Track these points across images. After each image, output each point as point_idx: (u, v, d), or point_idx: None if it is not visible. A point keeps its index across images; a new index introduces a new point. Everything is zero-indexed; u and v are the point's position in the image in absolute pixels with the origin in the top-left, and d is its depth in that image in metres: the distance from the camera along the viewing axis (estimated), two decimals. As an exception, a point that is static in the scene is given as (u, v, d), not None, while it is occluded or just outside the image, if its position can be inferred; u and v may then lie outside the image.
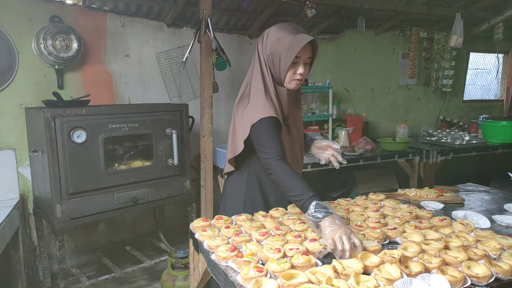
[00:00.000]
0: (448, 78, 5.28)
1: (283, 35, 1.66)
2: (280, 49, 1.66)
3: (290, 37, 1.64)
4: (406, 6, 4.20)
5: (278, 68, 1.70)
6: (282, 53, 1.66)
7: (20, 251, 2.85)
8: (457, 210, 1.89)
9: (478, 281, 1.20)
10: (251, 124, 1.68)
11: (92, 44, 3.32)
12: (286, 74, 1.69)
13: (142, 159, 2.94)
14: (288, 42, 1.64)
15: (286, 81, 1.73)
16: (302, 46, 1.61)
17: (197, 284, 1.79)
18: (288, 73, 1.69)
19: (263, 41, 1.73)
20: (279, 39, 1.67)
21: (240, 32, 4.08)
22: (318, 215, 1.41)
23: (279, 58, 1.68)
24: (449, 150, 4.13)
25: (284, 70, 1.68)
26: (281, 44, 1.66)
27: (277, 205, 1.86)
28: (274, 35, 1.69)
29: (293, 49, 1.62)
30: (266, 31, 1.75)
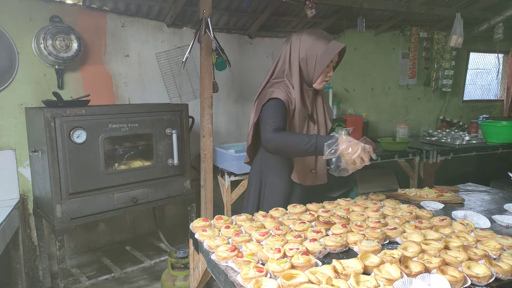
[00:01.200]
0: (448, 78, 5.28)
1: (318, 41, 1.88)
2: (316, 54, 1.87)
3: (325, 43, 1.86)
4: (406, 6, 4.20)
5: (312, 70, 1.90)
6: (318, 58, 1.86)
7: (20, 251, 2.86)
8: (457, 210, 1.89)
9: (478, 281, 1.20)
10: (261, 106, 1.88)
11: (92, 44, 3.32)
12: (320, 76, 1.91)
13: (142, 159, 2.94)
14: (323, 48, 1.85)
15: (317, 82, 1.94)
16: (337, 52, 1.84)
17: (197, 284, 1.79)
18: (321, 75, 1.91)
19: (296, 44, 1.92)
20: (314, 45, 1.87)
21: (240, 32, 4.08)
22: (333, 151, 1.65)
23: (314, 62, 1.88)
24: (449, 150, 4.13)
25: (319, 72, 1.89)
26: (316, 49, 1.86)
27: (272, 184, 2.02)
28: (309, 41, 1.89)
29: (328, 54, 1.84)
30: (296, 35, 1.94)
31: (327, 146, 1.67)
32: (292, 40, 1.95)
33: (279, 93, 1.87)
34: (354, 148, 1.66)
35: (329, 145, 1.67)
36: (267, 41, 4.27)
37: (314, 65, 1.88)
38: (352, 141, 1.67)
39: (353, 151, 1.65)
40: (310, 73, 1.91)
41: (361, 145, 1.67)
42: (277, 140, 1.76)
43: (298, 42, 1.91)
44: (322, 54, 1.86)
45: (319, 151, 1.70)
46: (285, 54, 1.96)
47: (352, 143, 1.66)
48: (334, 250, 1.45)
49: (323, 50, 1.85)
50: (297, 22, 4.23)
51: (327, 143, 1.67)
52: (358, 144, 1.67)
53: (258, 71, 4.24)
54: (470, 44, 5.49)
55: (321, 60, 1.86)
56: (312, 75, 1.91)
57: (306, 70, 1.92)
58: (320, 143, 1.69)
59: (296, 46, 1.92)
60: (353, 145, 1.66)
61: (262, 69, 4.26)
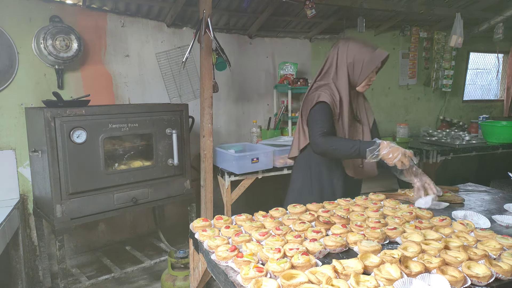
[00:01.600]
0: (448, 78, 5.28)
1: (365, 48, 2.06)
2: (362, 59, 2.04)
3: (371, 51, 2.05)
4: (406, 6, 4.20)
5: (358, 74, 2.08)
6: (364, 63, 2.04)
7: (20, 251, 2.86)
8: (457, 210, 1.89)
9: (478, 281, 1.20)
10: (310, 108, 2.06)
11: (92, 44, 3.32)
12: (364, 80, 2.08)
13: (142, 159, 2.94)
14: (369, 55, 2.04)
15: (361, 85, 2.12)
16: (382, 59, 2.04)
17: (197, 284, 1.79)
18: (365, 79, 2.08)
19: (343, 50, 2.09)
20: (361, 51, 2.05)
21: (240, 32, 4.08)
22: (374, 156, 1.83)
23: (361, 66, 2.05)
24: (449, 150, 4.13)
25: (364, 77, 2.07)
26: (363, 56, 2.05)
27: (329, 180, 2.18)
28: (357, 48, 2.07)
29: (374, 61, 2.03)
30: (344, 41, 2.12)
31: (369, 152, 1.84)
32: (340, 46, 2.12)
33: (325, 96, 2.03)
34: (395, 153, 1.82)
35: (371, 151, 1.84)
36: (267, 41, 4.27)
37: (360, 70, 2.06)
38: (393, 147, 1.84)
39: (394, 156, 1.82)
40: (355, 77, 2.10)
41: (402, 150, 1.84)
42: (325, 145, 1.95)
43: (346, 48, 2.09)
44: (368, 60, 2.04)
45: (362, 155, 1.88)
46: (332, 58, 2.13)
47: (393, 148, 1.83)
48: (334, 250, 1.45)
49: (369, 57, 2.04)
50: (297, 22, 4.23)
51: (369, 149, 1.84)
52: (398, 149, 1.84)
53: (258, 71, 4.25)
54: (470, 44, 5.49)
55: (367, 66, 2.04)
56: (357, 79, 2.09)
57: (352, 74, 2.09)
58: (363, 149, 1.86)
59: (343, 52, 2.09)
60: (394, 151, 1.83)
61: (262, 69, 4.27)
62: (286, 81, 4.07)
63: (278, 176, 3.55)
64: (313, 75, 4.58)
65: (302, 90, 4.20)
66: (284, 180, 4.38)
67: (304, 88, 4.17)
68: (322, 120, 2.01)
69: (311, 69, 4.57)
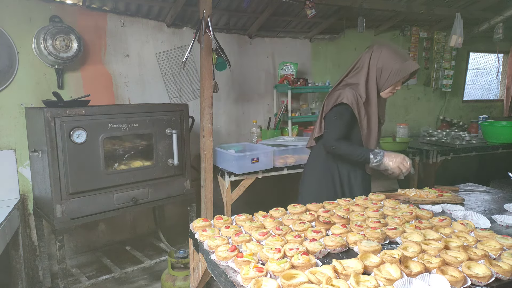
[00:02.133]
0: (448, 78, 5.28)
1: (397, 57, 2.14)
2: (391, 68, 2.12)
3: (402, 60, 2.12)
4: (406, 6, 4.20)
5: (384, 80, 2.16)
6: (392, 71, 2.12)
7: (20, 251, 2.86)
8: (457, 210, 1.89)
9: (478, 281, 1.21)
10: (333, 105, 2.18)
11: (92, 44, 3.32)
12: (389, 87, 2.18)
13: (142, 159, 2.94)
14: (399, 65, 2.11)
15: (385, 92, 2.21)
16: (411, 72, 2.11)
17: (197, 284, 1.79)
18: (390, 87, 2.17)
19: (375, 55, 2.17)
20: (393, 59, 2.13)
21: (240, 32, 4.08)
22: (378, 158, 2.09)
23: (388, 74, 2.13)
24: (449, 150, 4.13)
25: (389, 84, 2.16)
26: (393, 64, 2.12)
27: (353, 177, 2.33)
28: (388, 55, 2.14)
29: (402, 72, 2.11)
30: (378, 46, 2.19)
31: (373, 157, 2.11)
32: (374, 49, 2.19)
33: (348, 97, 2.14)
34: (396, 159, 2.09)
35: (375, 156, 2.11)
36: (267, 41, 4.27)
37: (387, 77, 2.14)
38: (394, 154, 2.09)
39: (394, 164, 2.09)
40: (381, 83, 2.18)
41: (401, 157, 2.10)
42: (336, 149, 2.17)
43: (379, 53, 2.16)
44: (397, 70, 2.11)
45: (367, 161, 2.13)
46: (365, 60, 2.21)
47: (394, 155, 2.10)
48: (334, 250, 1.45)
49: (399, 67, 2.11)
50: (297, 22, 4.24)
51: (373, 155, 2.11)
52: (398, 156, 2.10)
53: (258, 71, 4.25)
54: (470, 44, 5.49)
55: (394, 75, 2.12)
56: (383, 85, 2.18)
57: (379, 80, 2.18)
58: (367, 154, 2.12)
59: (376, 56, 2.16)
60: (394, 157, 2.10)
61: (262, 69, 4.27)
62: (286, 81, 4.07)
63: (278, 176, 3.55)
64: (313, 75, 4.58)
65: (302, 90, 4.21)
66: (284, 180, 4.38)
67: (304, 88, 4.17)
68: (339, 124, 2.17)
69: (311, 69, 4.57)
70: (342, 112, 2.16)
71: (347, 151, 2.15)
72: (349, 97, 2.14)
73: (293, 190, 4.47)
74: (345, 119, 2.17)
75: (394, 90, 2.21)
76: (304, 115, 4.23)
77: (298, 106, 4.41)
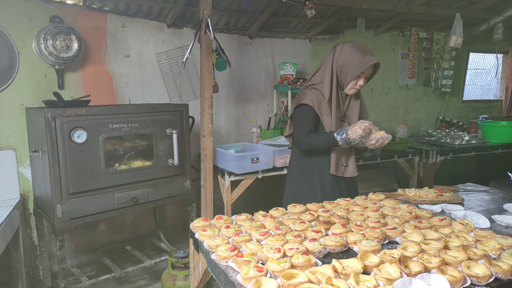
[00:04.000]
0: (448, 78, 5.28)
1: (356, 53, 2.10)
2: (349, 64, 2.11)
3: (361, 56, 2.08)
4: (406, 6, 4.20)
5: (344, 77, 2.15)
6: (350, 67, 2.10)
7: (20, 251, 2.86)
8: (457, 210, 1.90)
9: (478, 281, 1.21)
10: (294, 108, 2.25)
11: (93, 44, 3.32)
12: (349, 83, 2.15)
13: (142, 159, 2.94)
14: (357, 60, 2.08)
15: (347, 88, 2.19)
16: (367, 66, 2.06)
17: (197, 283, 1.79)
18: (351, 83, 2.15)
19: (337, 53, 2.17)
20: (352, 56, 2.11)
21: (240, 33, 4.09)
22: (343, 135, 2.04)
23: (347, 70, 2.12)
24: (448, 150, 4.14)
25: (349, 80, 2.14)
26: (352, 60, 2.10)
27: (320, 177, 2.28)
28: (348, 51, 2.13)
29: (359, 67, 2.08)
30: (340, 45, 2.18)
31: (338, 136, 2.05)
32: (337, 48, 2.19)
33: (308, 98, 2.17)
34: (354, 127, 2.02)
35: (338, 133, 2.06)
36: (267, 42, 4.27)
37: (346, 74, 2.13)
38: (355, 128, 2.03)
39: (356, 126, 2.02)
40: (342, 80, 2.18)
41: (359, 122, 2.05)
42: (306, 146, 2.21)
43: (340, 50, 2.16)
44: (355, 66, 2.09)
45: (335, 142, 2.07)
46: (327, 59, 2.22)
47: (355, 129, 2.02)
48: (334, 250, 1.45)
49: (357, 62, 2.09)
50: (297, 23, 4.24)
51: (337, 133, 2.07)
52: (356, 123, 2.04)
53: (258, 71, 4.25)
54: (470, 44, 5.49)
55: (352, 71, 2.10)
56: (343, 82, 2.17)
57: (340, 77, 2.18)
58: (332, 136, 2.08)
59: (337, 54, 2.17)
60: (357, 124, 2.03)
61: (262, 69, 4.27)
62: (286, 81, 4.08)
63: (278, 176, 3.55)
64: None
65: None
66: (284, 180, 4.39)
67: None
68: (303, 122, 2.19)
69: (311, 69, 4.57)
70: (305, 111, 2.19)
71: (315, 142, 2.15)
72: (309, 98, 2.17)
73: (293, 190, 4.48)
74: (308, 117, 2.19)
75: (356, 86, 2.16)
76: (304, 115, 4.23)
77: (298, 106, 4.41)
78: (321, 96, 2.18)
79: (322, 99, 2.18)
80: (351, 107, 2.28)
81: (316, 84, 2.22)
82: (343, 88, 2.21)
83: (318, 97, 2.18)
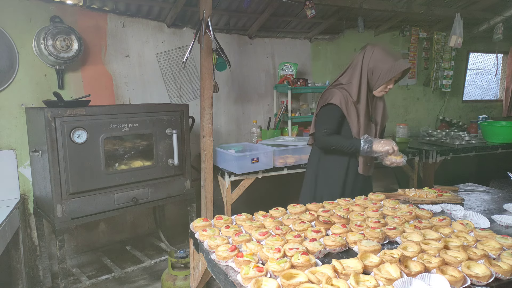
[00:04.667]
0: (448, 78, 5.29)
1: (388, 57, 2.19)
2: (381, 68, 2.18)
3: (393, 60, 2.18)
4: (406, 6, 4.20)
5: (375, 80, 2.22)
6: (382, 71, 2.18)
7: (20, 251, 2.86)
8: (457, 210, 1.90)
9: (478, 281, 1.21)
10: (321, 106, 2.29)
11: (93, 44, 3.32)
12: (380, 86, 2.23)
13: (142, 159, 2.94)
14: (389, 64, 2.17)
15: (377, 91, 2.26)
16: (400, 71, 2.17)
17: (197, 283, 1.79)
18: (381, 86, 2.23)
19: (367, 55, 2.22)
20: (383, 59, 2.18)
21: (240, 33, 4.09)
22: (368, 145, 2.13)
23: (378, 74, 2.19)
24: (448, 150, 4.14)
25: (380, 84, 2.22)
26: (383, 64, 2.18)
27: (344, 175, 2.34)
28: (379, 55, 2.20)
29: (392, 71, 2.16)
30: (371, 46, 2.24)
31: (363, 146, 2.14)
32: (367, 49, 2.24)
33: (337, 98, 2.21)
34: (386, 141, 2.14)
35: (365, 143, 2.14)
36: (267, 42, 4.27)
37: (378, 77, 2.19)
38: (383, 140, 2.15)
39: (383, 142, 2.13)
40: (373, 82, 2.23)
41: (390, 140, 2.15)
42: (326, 144, 2.25)
43: (371, 53, 2.21)
44: (387, 69, 2.16)
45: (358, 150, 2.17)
46: (358, 60, 2.26)
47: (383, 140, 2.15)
48: (334, 250, 1.45)
49: (389, 66, 2.16)
50: (297, 23, 4.24)
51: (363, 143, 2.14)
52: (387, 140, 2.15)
53: (258, 71, 4.25)
54: (470, 44, 5.50)
55: (385, 74, 2.17)
56: (375, 84, 2.23)
57: (371, 79, 2.23)
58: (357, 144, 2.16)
59: (368, 56, 2.21)
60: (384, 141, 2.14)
61: (262, 69, 4.27)
62: (286, 81, 4.08)
63: (278, 176, 3.56)
64: (313, 75, 4.58)
65: (302, 90, 4.21)
66: (284, 180, 4.39)
67: (304, 88, 4.18)
68: (328, 121, 2.24)
69: (311, 69, 4.58)
70: (332, 111, 2.23)
71: (338, 143, 2.21)
72: (338, 98, 2.21)
73: (293, 190, 4.48)
74: (334, 117, 2.24)
75: (386, 89, 2.26)
76: (304, 115, 4.24)
77: (298, 106, 4.42)
78: (349, 96, 2.22)
79: (349, 99, 2.22)
80: (377, 107, 2.37)
81: (344, 84, 2.27)
82: (372, 90, 2.27)
83: (346, 97, 2.22)
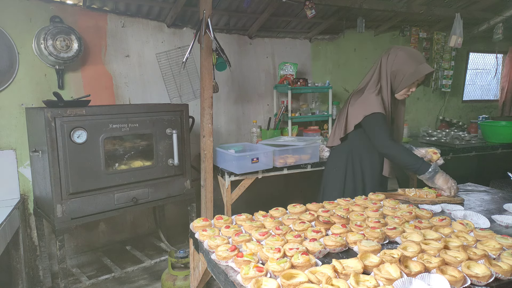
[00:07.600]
0: (448, 78, 5.29)
1: (411, 60, 2.18)
2: (405, 71, 2.19)
3: (416, 64, 2.17)
4: (406, 6, 4.20)
5: (398, 83, 2.23)
6: (405, 75, 2.18)
7: (20, 251, 2.86)
8: (457, 210, 1.90)
9: (478, 281, 1.21)
10: (364, 115, 2.22)
11: (93, 44, 3.32)
12: (402, 90, 2.24)
13: (142, 159, 2.94)
14: (413, 68, 2.17)
15: (399, 94, 2.29)
16: (424, 75, 2.17)
17: (197, 283, 1.79)
18: (404, 89, 2.24)
19: (391, 58, 2.23)
20: (406, 62, 2.18)
21: (240, 33, 4.09)
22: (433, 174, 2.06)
23: (402, 77, 2.20)
24: (448, 150, 4.14)
25: (403, 87, 2.23)
26: (407, 67, 2.18)
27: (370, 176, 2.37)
28: (403, 58, 2.20)
29: (416, 75, 2.17)
30: (393, 50, 2.25)
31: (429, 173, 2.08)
32: (390, 53, 2.25)
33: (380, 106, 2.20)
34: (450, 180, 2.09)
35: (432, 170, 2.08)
36: (267, 42, 4.27)
37: (401, 80, 2.21)
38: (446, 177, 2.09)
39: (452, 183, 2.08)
40: (396, 86, 2.25)
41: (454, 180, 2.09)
42: (392, 150, 2.17)
43: (394, 56, 2.22)
44: (411, 73, 2.17)
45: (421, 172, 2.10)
46: (381, 64, 2.27)
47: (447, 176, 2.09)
48: (334, 250, 1.45)
49: (412, 70, 2.16)
50: (297, 23, 4.24)
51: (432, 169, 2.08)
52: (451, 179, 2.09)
53: (258, 71, 4.25)
54: (470, 44, 5.50)
55: (408, 78, 2.18)
56: (397, 87, 2.25)
57: (393, 82, 2.25)
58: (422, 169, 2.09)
59: (391, 59, 2.23)
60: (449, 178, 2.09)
61: (262, 69, 4.27)
62: (286, 81, 4.08)
63: (278, 176, 3.55)
64: (313, 75, 4.58)
65: (302, 90, 4.21)
66: (284, 180, 4.39)
67: (304, 88, 4.17)
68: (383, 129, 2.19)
69: (311, 69, 4.58)
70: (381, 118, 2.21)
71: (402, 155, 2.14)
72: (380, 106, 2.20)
73: (293, 190, 4.48)
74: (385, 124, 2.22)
75: (408, 92, 2.27)
76: (304, 115, 4.24)
77: (298, 106, 4.42)
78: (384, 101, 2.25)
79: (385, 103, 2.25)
80: (398, 110, 2.39)
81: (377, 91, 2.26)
82: (394, 93, 2.29)
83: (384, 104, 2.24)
